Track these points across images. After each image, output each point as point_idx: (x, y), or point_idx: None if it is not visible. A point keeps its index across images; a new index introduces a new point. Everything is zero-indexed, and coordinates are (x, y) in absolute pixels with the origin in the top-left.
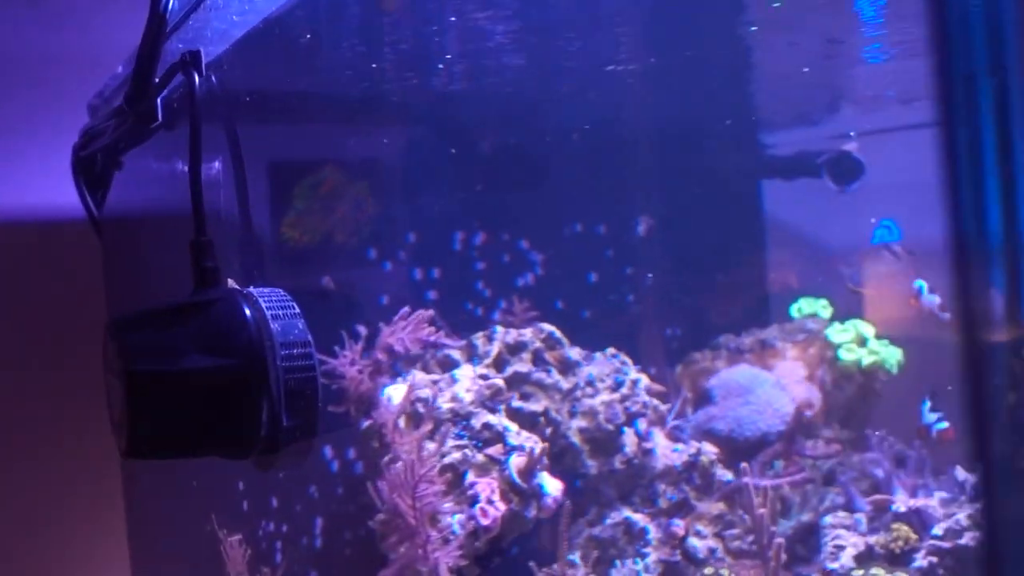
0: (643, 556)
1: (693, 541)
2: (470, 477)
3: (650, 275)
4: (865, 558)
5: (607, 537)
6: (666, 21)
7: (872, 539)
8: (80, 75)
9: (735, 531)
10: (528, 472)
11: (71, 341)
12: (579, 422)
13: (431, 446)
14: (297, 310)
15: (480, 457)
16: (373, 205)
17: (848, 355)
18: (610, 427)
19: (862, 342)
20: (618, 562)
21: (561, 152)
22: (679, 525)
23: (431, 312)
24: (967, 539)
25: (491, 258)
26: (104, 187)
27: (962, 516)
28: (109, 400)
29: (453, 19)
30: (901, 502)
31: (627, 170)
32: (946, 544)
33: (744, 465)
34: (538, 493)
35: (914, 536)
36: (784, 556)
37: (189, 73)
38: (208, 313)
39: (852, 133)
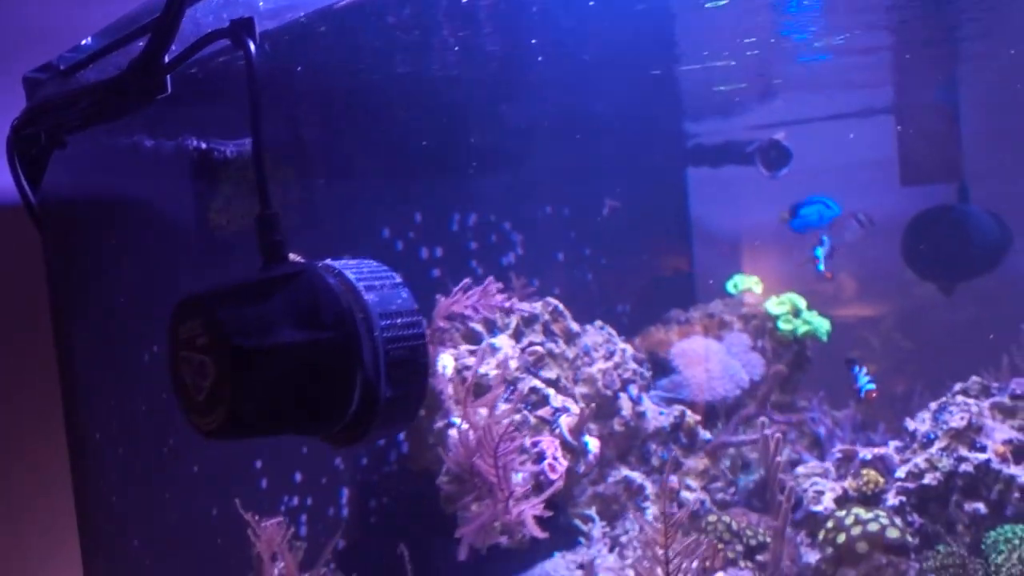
0: (643, 511)
1: (685, 494)
2: (528, 437)
3: (604, 259)
4: (843, 501)
5: (610, 494)
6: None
7: (846, 484)
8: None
9: (719, 484)
10: (578, 431)
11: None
12: (582, 388)
13: (503, 407)
14: (398, 280)
15: (532, 419)
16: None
17: (786, 326)
18: (608, 393)
19: (796, 313)
20: (628, 516)
21: (531, 139)
22: (672, 480)
23: (499, 283)
24: (928, 479)
25: (482, 238)
26: (42, 168)
27: (920, 460)
28: (180, 382)
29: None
30: (867, 451)
31: (570, 160)
32: (910, 484)
33: (763, 419)
34: (584, 450)
35: (882, 480)
36: (790, 501)
37: (243, 42)
38: (293, 287)
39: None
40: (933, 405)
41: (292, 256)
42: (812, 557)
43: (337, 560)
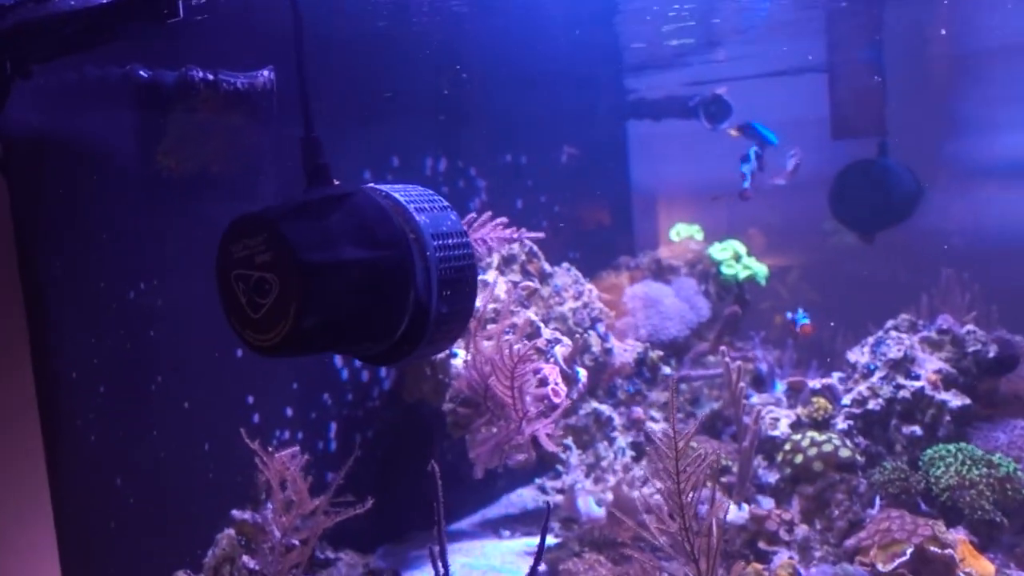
0: (612, 440)
1: (651, 425)
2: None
3: (557, 207)
4: (797, 426)
5: (582, 425)
6: None
7: (798, 411)
8: None
9: (679, 415)
10: (571, 360)
11: None
12: (554, 326)
13: (511, 336)
14: (446, 203)
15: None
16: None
17: (728, 270)
18: (579, 330)
19: (737, 259)
20: (600, 444)
21: (491, 90)
22: (638, 411)
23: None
24: (872, 405)
25: (451, 183)
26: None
27: (863, 388)
28: (232, 301)
29: None
30: (816, 381)
31: (526, 110)
32: (856, 410)
33: (724, 348)
34: (575, 378)
35: (831, 407)
36: (758, 423)
37: None
38: (349, 207)
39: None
40: (870, 340)
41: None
42: (771, 477)
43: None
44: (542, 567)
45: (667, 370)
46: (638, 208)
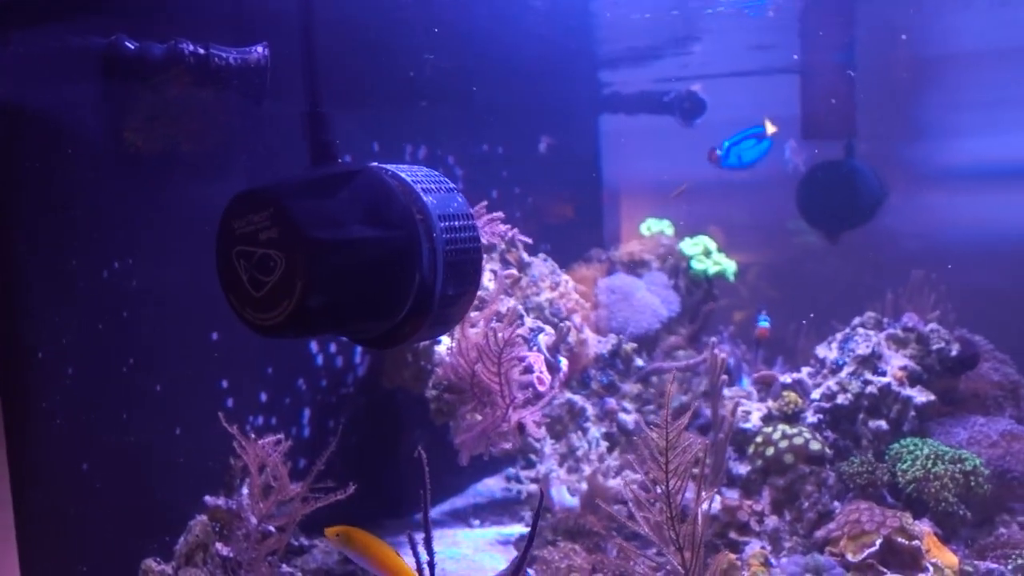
0: (585, 431)
1: (623, 416)
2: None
3: (530, 199)
4: (768, 419)
5: (555, 415)
6: None
7: (769, 404)
8: None
9: (651, 407)
10: (554, 349)
11: None
12: (533, 315)
13: (496, 323)
14: (452, 184)
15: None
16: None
17: (698, 265)
18: (555, 320)
19: (707, 254)
20: (573, 435)
21: (469, 79)
22: (612, 403)
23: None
24: (841, 400)
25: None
26: None
27: (832, 383)
28: (233, 278)
29: None
30: (787, 375)
31: (502, 100)
32: (826, 404)
33: (714, 340)
34: (557, 367)
35: (801, 401)
36: (734, 415)
37: None
38: (356, 185)
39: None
40: (839, 335)
41: None
42: (742, 469)
43: (299, 477)
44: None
45: (640, 362)
46: (607, 202)
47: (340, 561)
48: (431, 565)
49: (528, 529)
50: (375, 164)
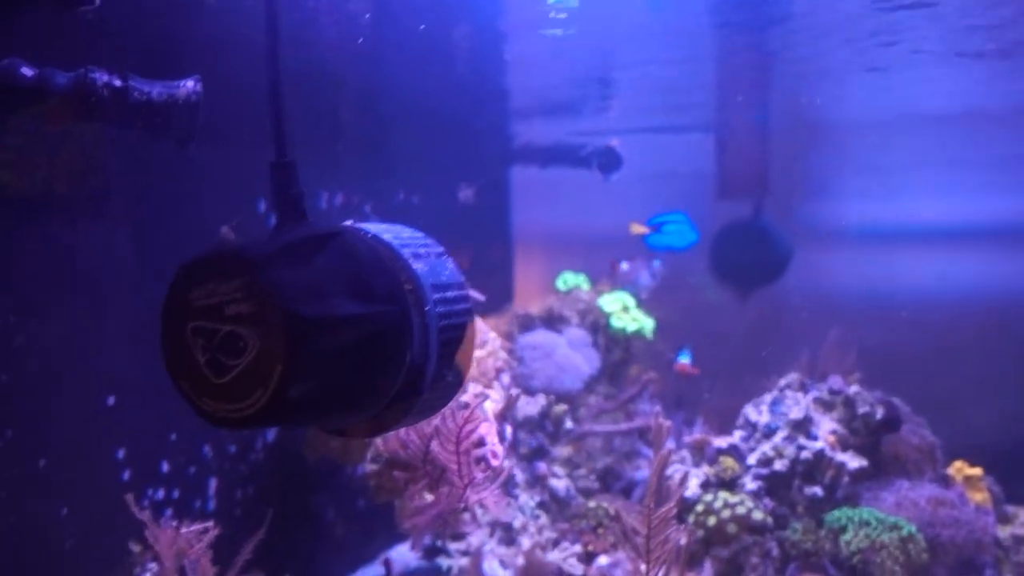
0: (515, 498)
1: (554, 482)
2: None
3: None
4: (707, 486)
5: None
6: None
7: (705, 470)
8: None
9: (582, 471)
10: (502, 417)
11: None
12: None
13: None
14: (441, 248)
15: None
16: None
17: (617, 323)
18: (484, 380)
19: (625, 310)
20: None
21: (385, 127)
22: (542, 468)
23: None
24: (778, 466)
25: (347, 219)
26: None
27: (767, 448)
28: (186, 361)
29: None
30: (721, 439)
31: (418, 149)
32: (764, 470)
33: (658, 409)
34: (506, 437)
35: (738, 466)
36: (683, 487)
37: None
38: (333, 250)
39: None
40: (767, 397)
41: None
42: (683, 539)
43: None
44: None
45: (569, 424)
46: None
47: None
48: None
49: None
50: (351, 223)
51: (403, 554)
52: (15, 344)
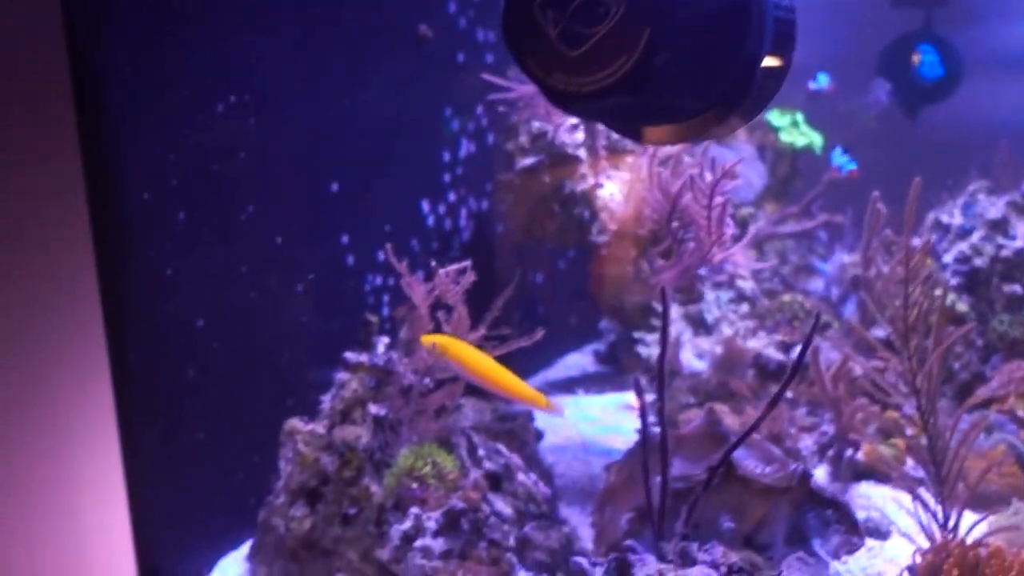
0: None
1: (740, 283)
2: None
3: None
4: None
5: None
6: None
7: None
8: None
9: (765, 274)
10: None
11: None
12: None
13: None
14: None
15: None
16: None
17: (787, 137)
18: None
19: (795, 125)
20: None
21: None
22: (729, 266)
23: None
24: (978, 262)
25: None
26: None
27: (964, 247)
28: (536, 36)
29: None
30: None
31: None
32: (962, 267)
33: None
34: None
35: (934, 264)
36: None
37: None
38: None
39: None
40: (959, 201)
41: None
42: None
43: None
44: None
45: (751, 228)
46: None
47: (496, 419)
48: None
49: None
50: None
51: (577, 360)
52: (250, 124)
